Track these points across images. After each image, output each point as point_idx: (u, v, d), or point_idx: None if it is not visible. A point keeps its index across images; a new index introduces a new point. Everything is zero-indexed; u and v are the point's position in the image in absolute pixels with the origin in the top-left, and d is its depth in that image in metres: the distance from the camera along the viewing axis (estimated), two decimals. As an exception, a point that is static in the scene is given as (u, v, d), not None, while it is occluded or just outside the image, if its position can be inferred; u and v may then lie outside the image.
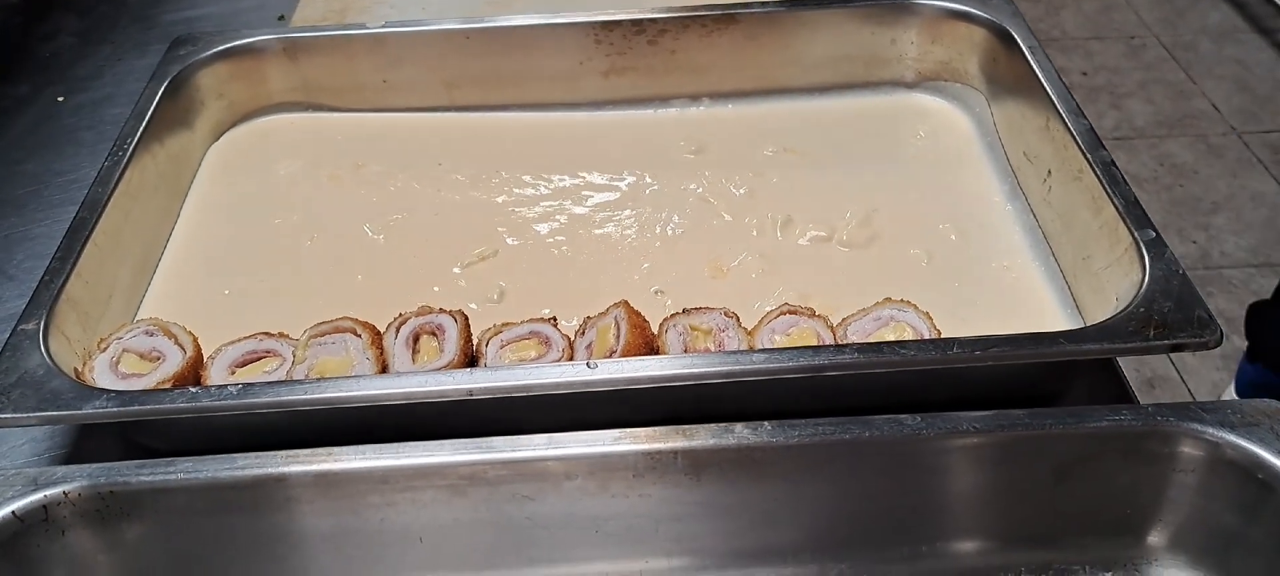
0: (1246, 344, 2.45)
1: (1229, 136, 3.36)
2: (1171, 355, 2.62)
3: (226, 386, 0.87)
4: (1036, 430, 0.83)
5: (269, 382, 0.88)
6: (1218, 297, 2.79)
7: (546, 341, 0.98)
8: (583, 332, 0.99)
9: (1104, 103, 3.50)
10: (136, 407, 0.86)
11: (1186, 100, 3.52)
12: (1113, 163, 1.06)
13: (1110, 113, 3.45)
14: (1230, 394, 2.46)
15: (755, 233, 1.17)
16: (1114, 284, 0.99)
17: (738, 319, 0.98)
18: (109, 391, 0.87)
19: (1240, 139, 3.34)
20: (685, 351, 0.95)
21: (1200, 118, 3.44)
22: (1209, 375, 2.58)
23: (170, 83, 1.22)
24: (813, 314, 0.99)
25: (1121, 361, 1.03)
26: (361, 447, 0.83)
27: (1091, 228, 1.04)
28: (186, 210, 1.20)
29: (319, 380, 0.90)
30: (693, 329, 0.98)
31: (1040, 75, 1.18)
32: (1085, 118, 1.13)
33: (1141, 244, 0.97)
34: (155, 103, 1.18)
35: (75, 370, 0.93)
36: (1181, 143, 3.34)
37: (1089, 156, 1.07)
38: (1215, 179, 3.19)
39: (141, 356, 0.96)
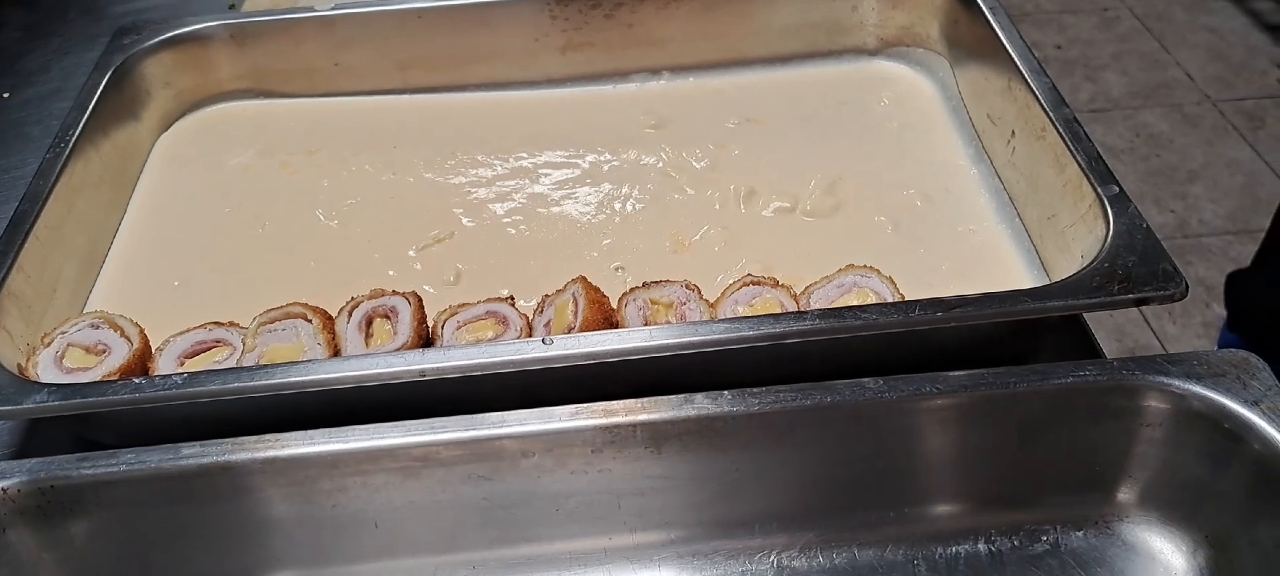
0: (1226, 314, 2.45)
1: (1204, 105, 3.35)
2: (1153, 326, 2.62)
3: (171, 376, 0.84)
4: (1001, 389, 0.81)
5: (216, 371, 0.86)
6: (1197, 266, 2.78)
7: (504, 321, 0.96)
8: (541, 311, 0.97)
9: (1079, 75, 3.49)
10: (78, 400, 0.83)
11: (1161, 70, 3.51)
12: (1075, 120, 1.04)
13: (1085, 85, 3.44)
14: (1210, 361, 2.45)
15: (717, 205, 1.15)
16: (1079, 241, 0.97)
17: (699, 291, 0.96)
18: (50, 385, 0.85)
19: (1215, 107, 3.33)
20: (645, 325, 0.93)
21: (1175, 87, 3.43)
22: (1191, 343, 2.58)
23: (114, 73, 1.19)
24: (776, 284, 0.97)
25: (1100, 330, 1.01)
26: (309, 432, 0.81)
27: (1056, 186, 1.03)
28: (134, 202, 1.17)
29: (268, 366, 0.87)
30: (653, 303, 0.96)
31: (1001, 36, 1.17)
32: (1047, 76, 1.11)
33: (1105, 199, 0.95)
34: (98, 94, 1.15)
35: (18, 365, 0.90)
36: (1157, 113, 3.33)
37: (1051, 115, 1.05)
38: (1191, 148, 3.18)
39: (87, 350, 0.94)
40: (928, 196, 1.14)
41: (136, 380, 0.85)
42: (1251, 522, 0.79)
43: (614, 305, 0.96)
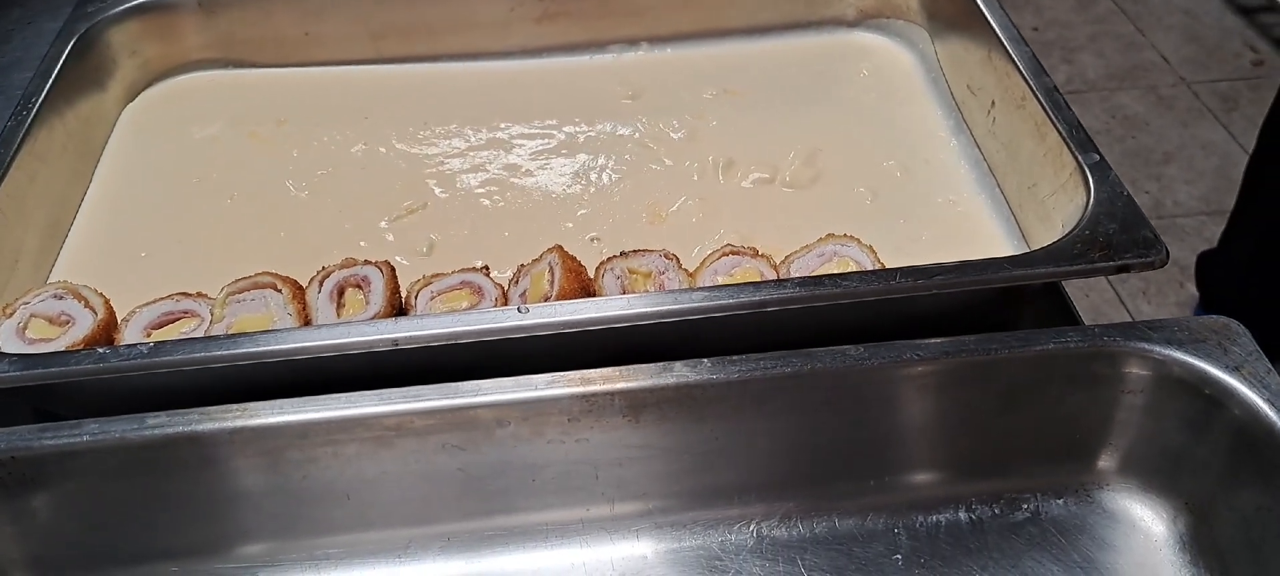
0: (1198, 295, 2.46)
1: (1179, 87, 3.36)
2: (1129, 306, 2.62)
3: (136, 346, 0.82)
4: (982, 355, 0.80)
5: (182, 341, 0.84)
6: (1172, 246, 2.74)
7: (479, 291, 0.94)
8: (516, 281, 0.96)
9: (1055, 57, 3.49)
10: (40, 371, 0.81)
11: (1136, 52, 3.52)
12: (1055, 88, 1.04)
13: (1062, 67, 3.44)
14: (1185, 339, 2.46)
15: (696, 176, 1.14)
16: (1060, 210, 0.96)
17: (678, 260, 0.95)
18: (11, 355, 0.83)
19: (1190, 89, 3.34)
20: (624, 294, 0.91)
21: (1150, 69, 3.44)
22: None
23: (78, 41, 1.16)
24: (755, 253, 0.95)
25: (1076, 302, 1.01)
26: (278, 402, 0.79)
27: (1036, 155, 1.02)
28: (100, 172, 1.15)
29: (236, 335, 0.85)
30: (631, 272, 0.94)
31: (981, 6, 1.16)
32: (1027, 45, 1.10)
33: (1085, 167, 0.94)
34: (61, 62, 1.12)
35: (-21, 338, 0.88)
36: (1132, 94, 3.34)
37: (1031, 83, 1.05)
38: (1166, 129, 3.19)
39: (50, 321, 0.91)
40: (907, 167, 1.13)
41: (100, 349, 0.83)
42: (1232, 488, 0.78)
43: (591, 275, 0.94)
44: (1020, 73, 1.06)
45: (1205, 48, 3.51)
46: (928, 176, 1.12)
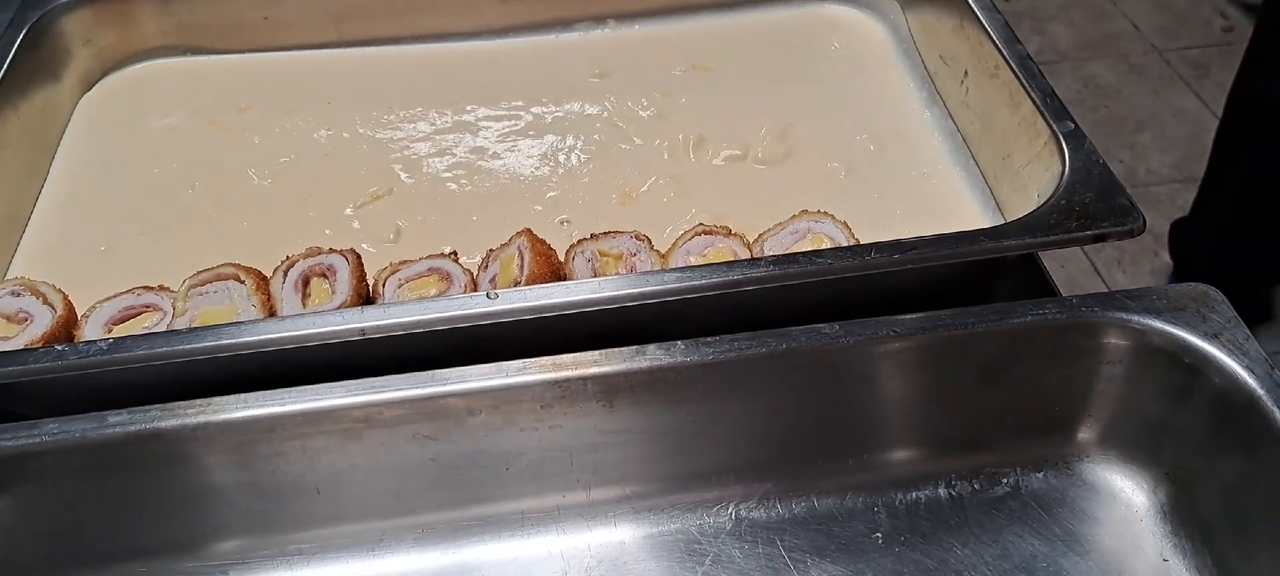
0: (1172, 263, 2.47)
1: (1150, 55, 3.36)
2: (1104, 275, 2.63)
3: (96, 342, 0.80)
4: (959, 330, 0.79)
5: (144, 336, 0.81)
6: (1147, 215, 2.77)
7: (447, 277, 0.92)
8: (485, 266, 0.94)
9: (1027, 28, 3.48)
10: (-2, 370, 0.79)
11: (1107, 21, 3.52)
12: (1028, 56, 1.03)
13: (1033, 38, 3.44)
14: (1161, 308, 2.47)
15: (666, 155, 1.12)
16: (1035, 180, 0.95)
17: (650, 242, 0.93)
18: (-35, 355, 0.80)
19: (1161, 57, 3.35)
20: (595, 277, 0.90)
21: (1121, 38, 3.44)
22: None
23: (29, 31, 1.13)
24: (728, 232, 0.94)
25: (1052, 272, 1.00)
26: (243, 396, 0.77)
27: (1010, 125, 1.01)
28: (57, 165, 1.12)
29: (198, 329, 0.83)
30: (602, 254, 0.93)
31: (952, -26, 1.14)
32: (1000, 13, 1.09)
33: (1060, 136, 0.93)
34: (12, 53, 1.09)
35: (-68, 337, 0.85)
36: (1104, 64, 3.34)
37: (1004, 52, 1.03)
38: (1139, 98, 3.20)
39: (8, 319, 0.89)
40: (880, 140, 1.12)
41: (59, 347, 0.80)
42: (1212, 457, 0.78)
43: (561, 258, 0.93)
44: (992, 42, 1.05)
45: (1176, 15, 3.52)
46: (901, 149, 1.11)
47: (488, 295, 0.82)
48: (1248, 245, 2.34)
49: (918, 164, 1.09)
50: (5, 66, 1.08)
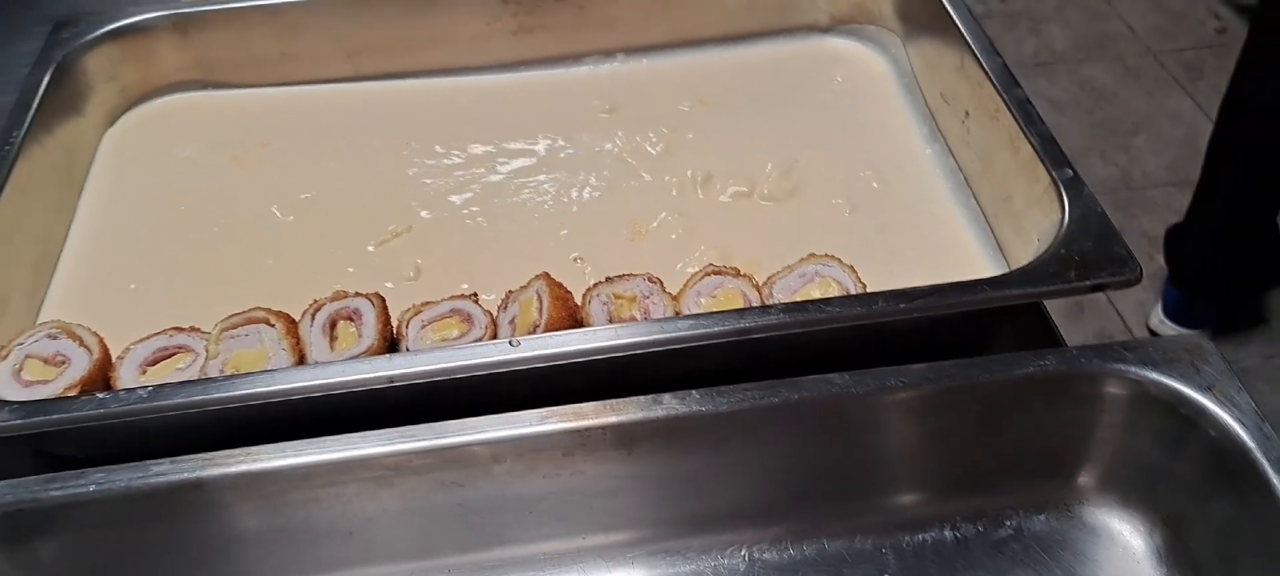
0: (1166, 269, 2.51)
1: (1145, 57, 3.40)
2: (1096, 277, 2.66)
3: (136, 390, 0.83)
4: (964, 380, 0.83)
5: (181, 383, 0.85)
6: (1141, 218, 2.83)
7: (468, 318, 0.96)
8: (505, 307, 0.97)
9: (1023, 29, 3.51)
10: (40, 418, 0.82)
11: (1103, 22, 3.55)
12: (1028, 100, 1.06)
13: (1030, 39, 3.47)
14: (1157, 315, 2.51)
15: (675, 192, 1.15)
16: (1034, 223, 0.99)
17: (661, 284, 0.97)
18: (12, 403, 0.83)
19: (1156, 59, 3.38)
20: (610, 321, 0.93)
21: (1117, 39, 3.48)
22: (1134, 294, 2.63)
23: (56, 68, 1.16)
24: (738, 273, 0.97)
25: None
26: (280, 445, 0.80)
27: (1010, 167, 1.04)
28: (84, 202, 1.15)
29: (233, 377, 0.86)
30: (617, 297, 0.96)
31: (953, 14, 1.17)
32: (999, 55, 1.12)
33: (1060, 183, 0.97)
34: (41, 91, 1.12)
35: (-26, 381, 0.88)
36: (1100, 66, 3.37)
37: (1004, 95, 1.07)
38: (1134, 100, 3.23)
39: (46, 361, 0.92)
40: (883, 177, 1.15)
41: (101, 395, 0.83)
42: (1205, 502, 0.81)
43: (577, 301, 0.96)
44: (993, 84, 1.08)
45: (1171, 16, 3.55)
46: (904, 187, 1.14)
47: (510, 342, 0.85)
48: (1241, 251, 2.38)
49: (920, 201, 1.12)
50: (35, 105, 1.10)
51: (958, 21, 1.17)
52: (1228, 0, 3.58)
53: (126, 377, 0.91)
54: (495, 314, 0.97)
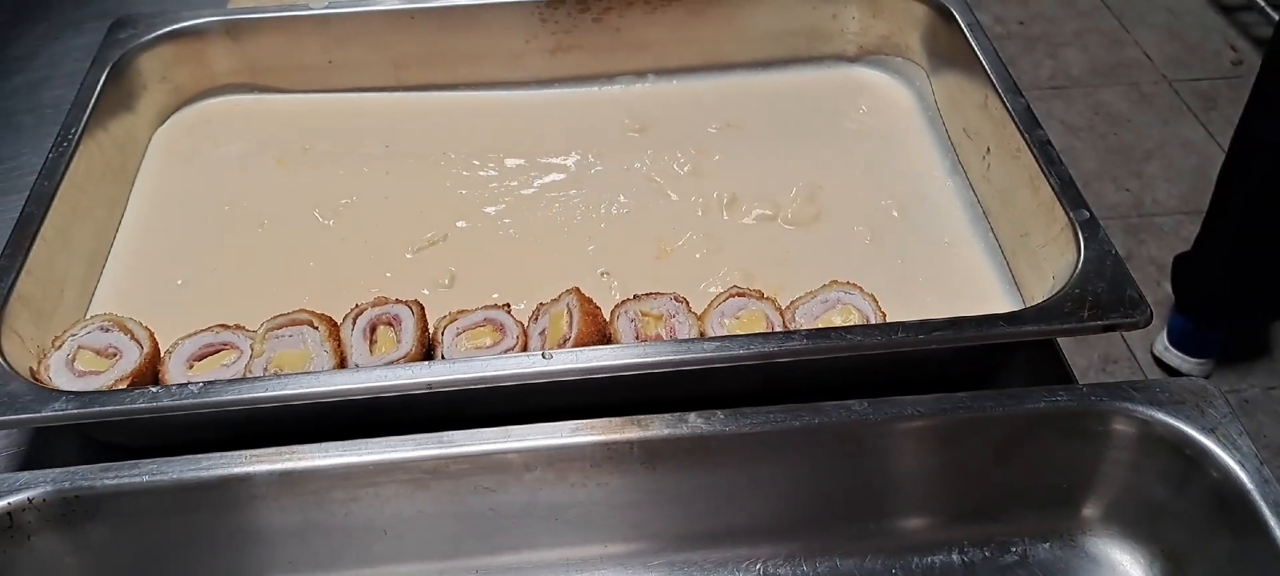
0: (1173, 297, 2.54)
1: (1160, 84, 3.43)
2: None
3: (187, 385, 0.87)
4: (978, 412, 0.87)
5: (229, 381, 0.89)
6: (1150, 245, 2.87)
7: (501, 328, 1.00)
8: (536, 319, 1.01)
9: (1041, 52, 3.55)
10: (97, 409, 0.86)
11: (1120, 49, 3.58)
12: (1048, 142, 1.09)
13: (1047, 62, 3.51)
14: (1162, 342, 2.55)
15: (700, 212, 1.19)
16: (1051, 262, 1.02)
17: (687, 304, 1.00)
18: (68, 392, 0.87)
19: (1171, 87, 3.42)
20: (637, 337, 0.97)
21: (1133, 66, 3.51)
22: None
23: (113, 67, 1.20)
24: (761, 296, 1.01)
25: (1058, 335, 1.07)
26: (324, 445, 0.85)
27: (1029, 206, 1.08)
28: (134, 199, 1.19)
29: (279, 376, 0.90)
30: (644, 315, 1.00)
31: (979, 53, 1.21)
32: (1022, 96, 1.15)
33: (1077, 224, 1.00)
34: (99, 89, 1.17)
35: (31, 370, 0.92)
36: (1115, 91, 3.40)
37: (1026, 136, 1.10)
38: (1148, 127, 3.26)
39: (98, 353, 0.96)
40: (904, 207, 1.19)
41: (153, 389, 0.87)
42: (1205, 540, 0.85)
43: (606, 316, 1.00)
44: (1016, 123, 1.12)
45: (1186, 45, 3.58)
46: (924, 217, 1.18)
47: (543, 355, 0.89)
48: (1247, 283, 2.42)
49: (940, 232, 1.16)
50: (92, 104, 1.15)
51: (983, 60, 1.20)
52: (1244, 32, 3.62)
53: (174, 372, 0.95)
54: (526, 324, 1.01)
